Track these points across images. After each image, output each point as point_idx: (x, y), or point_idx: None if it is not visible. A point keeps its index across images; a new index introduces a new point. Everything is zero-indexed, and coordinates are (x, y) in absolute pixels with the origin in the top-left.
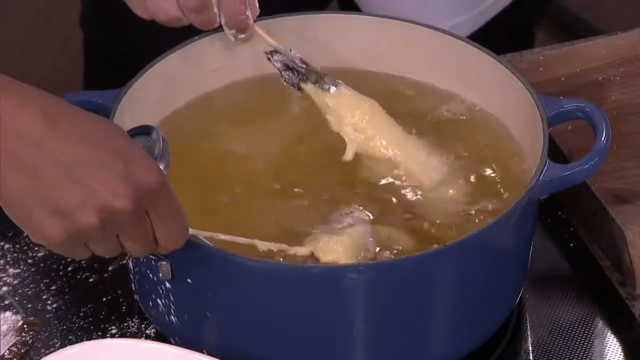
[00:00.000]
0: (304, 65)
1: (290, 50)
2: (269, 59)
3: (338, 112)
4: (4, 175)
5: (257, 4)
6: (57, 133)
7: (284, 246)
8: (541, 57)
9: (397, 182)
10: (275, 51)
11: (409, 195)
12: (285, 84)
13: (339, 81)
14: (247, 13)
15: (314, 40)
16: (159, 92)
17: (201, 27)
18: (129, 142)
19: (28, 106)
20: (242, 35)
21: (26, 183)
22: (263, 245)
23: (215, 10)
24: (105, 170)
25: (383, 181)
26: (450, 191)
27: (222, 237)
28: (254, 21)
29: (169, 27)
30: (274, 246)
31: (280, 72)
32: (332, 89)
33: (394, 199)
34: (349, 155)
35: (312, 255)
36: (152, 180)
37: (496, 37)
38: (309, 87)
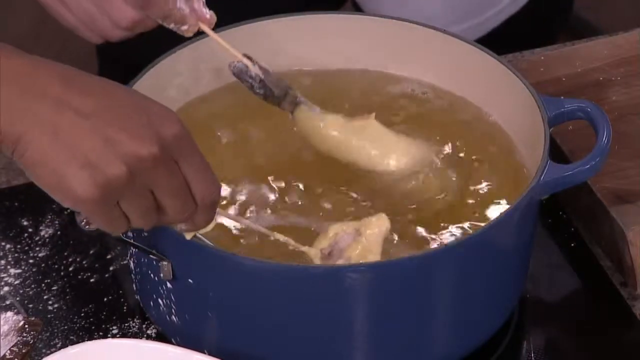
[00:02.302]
0: (261, 90)
1: (255, 64)
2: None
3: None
4: (27, 138)
5: None
6: (76, 89)
7: (301, 247)
8: (542, 57)
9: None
10: (238, 68)
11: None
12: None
13: (300, 100)
14: (179, 5)
15: (312, 41)
16: (160, 91)
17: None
18: (146, 96)
19: (43, 68)
20: (184, 27)
21: (50, 141)
22: (281, 237)
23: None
24: (127, 119)
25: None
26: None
27: (245, 221)
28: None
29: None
30: (292, 243)
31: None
32: (291, 116)
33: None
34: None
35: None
36: (175, 128)
37: (515, 39)
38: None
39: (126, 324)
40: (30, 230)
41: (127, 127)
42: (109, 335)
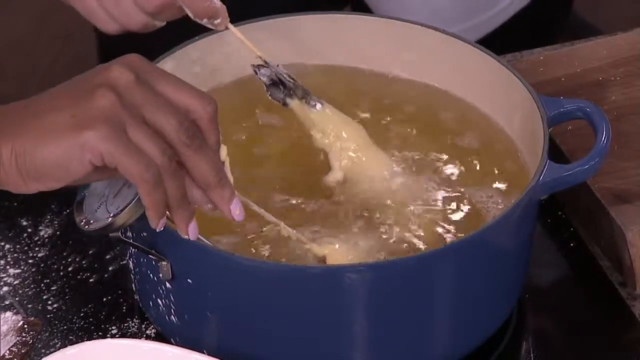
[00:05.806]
0: (291, 80)
1: (278, 65)
2: (255, 72)
3: (324, 130)
4: (16, 137)
5: None
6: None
7: (303, 238)
8: (541, 57)
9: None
10: (262, 65)
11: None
12: (271, 98)
13: (323, 101)
14: None
15: (311, 41)
16: None
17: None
18: None
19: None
20: (217, 21)
21: (35, 124)
22: (285, 230)
23: (179, 4)
24: (86, 74)
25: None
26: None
27: (254, 207)
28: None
29: (151, 32)
30: (293, 234)
31: (266, 87)
32: (318, 106)
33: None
34: (336, 176)
35: (323, 257)
36: (133, 56)
37: (518, 36)
38: (294, 103)
39: (125, 324)
40: (29, 230)
41: (90, 73)
42: (108, 336)
